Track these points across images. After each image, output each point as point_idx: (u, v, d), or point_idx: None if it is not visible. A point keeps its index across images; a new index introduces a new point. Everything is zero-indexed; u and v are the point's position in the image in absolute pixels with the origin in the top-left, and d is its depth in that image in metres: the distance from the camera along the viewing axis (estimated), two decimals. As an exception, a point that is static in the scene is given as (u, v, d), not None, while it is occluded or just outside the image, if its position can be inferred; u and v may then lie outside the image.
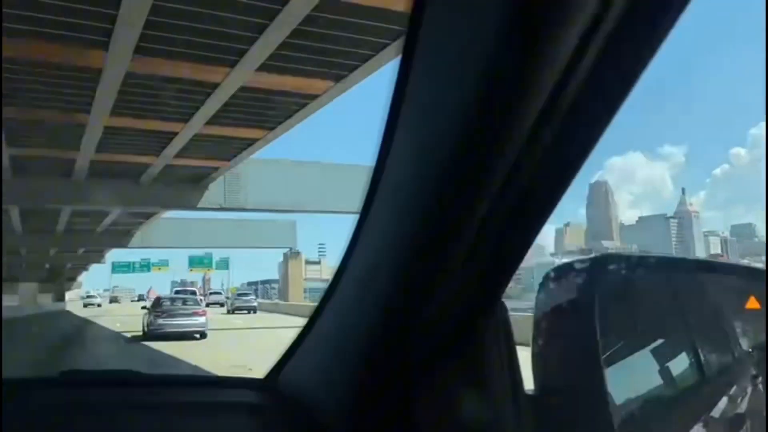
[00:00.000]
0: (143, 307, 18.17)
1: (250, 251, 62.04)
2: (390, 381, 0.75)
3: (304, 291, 48.52)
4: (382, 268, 0.73)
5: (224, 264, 71.30)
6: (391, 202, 0.71)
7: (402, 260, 0.70)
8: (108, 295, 72.99)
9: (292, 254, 34.63)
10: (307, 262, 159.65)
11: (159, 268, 71.27)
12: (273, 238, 33.81)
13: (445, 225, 0.64)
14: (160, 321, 14.86)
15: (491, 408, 0.70)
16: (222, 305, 35.80)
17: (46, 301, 51.36)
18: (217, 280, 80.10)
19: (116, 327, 20.34)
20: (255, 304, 33.42)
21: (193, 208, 18.09)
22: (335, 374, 0.86)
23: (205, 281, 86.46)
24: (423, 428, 0.73)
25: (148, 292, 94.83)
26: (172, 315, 15.07)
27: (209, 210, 18.63)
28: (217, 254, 65.10)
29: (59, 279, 53.97)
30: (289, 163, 19.56)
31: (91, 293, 68.33)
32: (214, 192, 17.98)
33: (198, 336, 14.81)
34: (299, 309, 25.31)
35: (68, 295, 64.97)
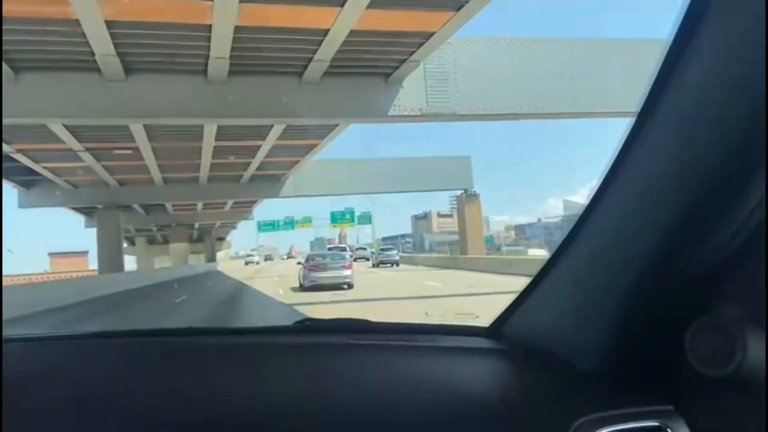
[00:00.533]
0: (298, 263, 21.55)
1: (385, 206, 58.80)
2: (637, 340, 0.79)
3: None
4: (629, 242, 0.75)
5: (366, 218, 68.32)
6: (642, 185, 0.72)
7: (651, 244, 0.72)
8: (257, 255, 73.86)
9: (468, 197, 28.30)
10: (440, 216, 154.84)
11: (303, 225, 70.34)
12: (444, 179, 29.07)
13: (701, 226, 0.66)
14: (313, 274, 16.16)
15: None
16: (367, 259, 38.80)
17: (198, 262, 51.75)
18: (352, 235, 78.75)
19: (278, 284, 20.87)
20: (397, 258, 35.27)
21: (383, 116, 12.42)
22: (575, 328, 0.89)
23: (341, 237, 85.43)
24: (666, 381, 0.76)
25: (291, 249, 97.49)
26: (323, 269, 16.31)
27: (404, 119, 12.53)
28: (359, 209, 62.47)
29: (208, 239, 54.08)
30: (528, 41, 12.75)
31: (251, 253, 74.19)
32: (410, 93, 11.80)
33: (345, 287, 15.91)
34: (480, 263, 24.20)
35: (219, 255, 64.82)
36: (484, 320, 1.19)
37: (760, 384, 0.65)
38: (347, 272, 16.43)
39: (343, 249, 33.11)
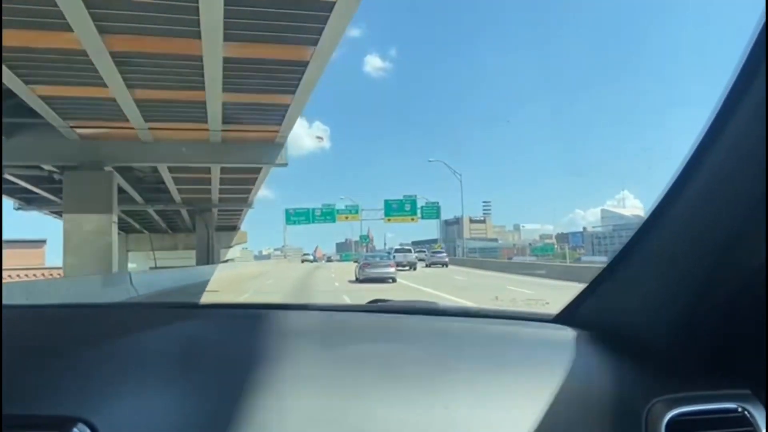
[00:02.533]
0: (355, 261, 34.48)
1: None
2: (713, 324, 0.80)
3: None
4: (704, 232, 0.76)
5: (432, 211, 56.03)
6: (718, 176, 0.73)
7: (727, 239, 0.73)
8: (273, 254, 68.21)
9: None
10: (471, 221, 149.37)
11: (347, 216, 55.50)
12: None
13: None
14: (366, 270, 21.63)
15: None
16: (422, 260, 41.22)
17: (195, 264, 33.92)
18: (379, 237, 73.58)
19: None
20: (447, 260, 40.53)
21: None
22: (649, 313, 0.89)
23: (370, 240, 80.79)
24: (740, 370, 0.78)
25: (315, 250, 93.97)
26: (373, 267, 21.96)
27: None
28: (423, 197, 55.87)
29: (204, 224, 34.25)
30: None
31: (306, 253, 75.61)
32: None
33: (390, 281, 21.04)
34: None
35: (231, 253, 49.38)
36: (554, 308, 1.20)
37: None
38: (391, 269, 21.85)
39: (408, 251, 38.10)
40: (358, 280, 21.65)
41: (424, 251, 46.89)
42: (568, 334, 1.02)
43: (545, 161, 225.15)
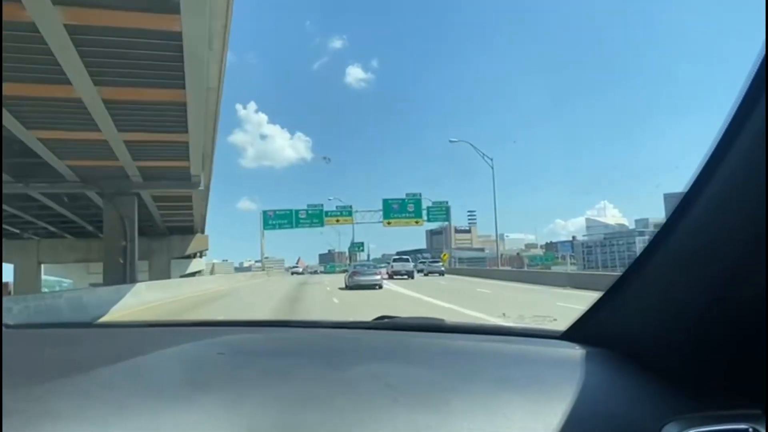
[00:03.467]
0: (344, 271, 37.30)
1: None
2: (724, 343, 0.78)
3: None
4: (714, 249, 0.75)
5: (441, 213, 49.72)
6: (730, 192, 0.71)
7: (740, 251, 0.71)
8: (254, 266, 63.19)
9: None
10: (457, 231, 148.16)
11: (337, 219, 48.07)
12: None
13: None
14: (355, 278, 23.42)
15: None
16: (420, 271, 40.80)
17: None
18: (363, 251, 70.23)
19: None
20: (443, 269, 40.64)
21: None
22: (658, 331, 0.88)
23: (352, 254, 78.30)
24: (755, 390, 0.76)
25: (297, 261, 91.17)
26: (361, 275, 23.62)
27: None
28: (428, 196, 51.04)
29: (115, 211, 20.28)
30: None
31: (295, 266, 70.15)
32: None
33: (376, 287, 22.61)
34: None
35: (195, 265, 40.35)
36: (562, 325, 1.18)
37: None
38: (377, 277, 23.42)
39: (407, 260, 36.58)
40: (347, 287, 23.36)
41: (438, 261, 46.37)
42: (576, 352, 1.01)
43: (528, 172, 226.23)
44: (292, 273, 63.48)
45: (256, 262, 63.02)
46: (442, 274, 38.80)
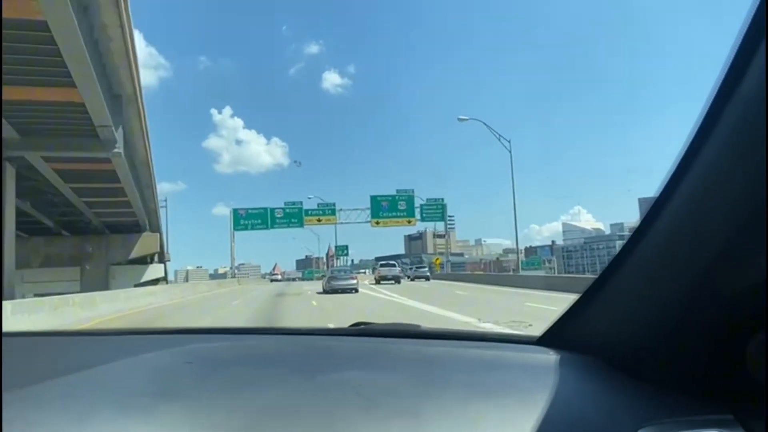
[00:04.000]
0: (323, 276, 34.78)
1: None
2: (696, 348, 0.79)
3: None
4: (687, 253, 0.74)
5: (437, 211, 45.29)
6: (704, 193, 0.71)
7: (711, 252, 0.71)
8: (229, 272, 58.77)
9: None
10: (435, 236, 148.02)
11: (318, 219, 41.70)
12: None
13: (761, 236, 0.64)
14: (332, 283, 24.91)
15: None
16: (405, 275, 40.67)
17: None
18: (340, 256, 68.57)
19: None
20: (428, 274, 40.81)
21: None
22: (632, 337, 0.88)
23: (329, 257, 77.14)
24: (729, 393, 0.76)
25: (274, 268, 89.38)
26: (338, 279, 25.16)
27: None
28: (424, 194, 47.06)
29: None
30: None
31: (275, 273, 66.83)
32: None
33: (353, 291, 24.01)
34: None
35: (152, 272, 34.35)
36: (536, 330, 1.18)
37: None
38: (353, 281, 25.04)
39: (393, 265, 36.95)
40: (325, 291, 24.58)
41: (424, 266, 47.17)
42: (550, 357, 1.00)
43: (504, 178, 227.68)
44: (272, 280, 60.88)
45: (231, 268, 58.93)
46: (427, 279, 39.27)
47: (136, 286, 24.92)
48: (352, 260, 74.51)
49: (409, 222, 46.71)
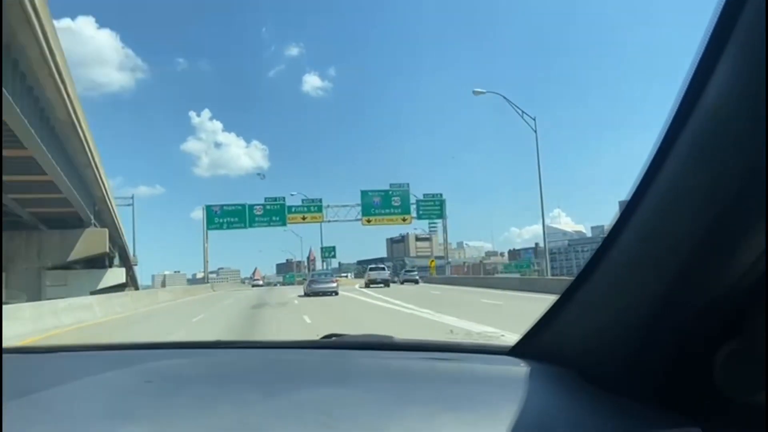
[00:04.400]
0: (303, 280, 37.70)
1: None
2: (665, 360, 0.78)
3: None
4: (660, 256, 0.73)
5: (434, 208, 42.11)
6: (670, 195, 0.70)
7: (683, 255, 0.70)
8: (209, 277, 56.32)
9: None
10: (417, 239, 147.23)
11: (303, 217, 37.56)
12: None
13: (728, 248, 0.65)
14: (313, 286, 25.90)
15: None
16: (394, 279, 41.33)
17: None
18: (320, 259, 67.26)
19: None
20: (417, 277, 41.46)
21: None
22: (601, 348, 0.87)
23: (310, 261, 75.86)
24: (694, 405, 0.76)
25: (254, 273, 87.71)
26: (318, 283, 26.34)
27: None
28: (419, 189, 44.15)
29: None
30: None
31: (256, 278, 65.96)
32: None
33: (333, 294, 24.87)
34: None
35: (110, 278, 28.80)
36: (509, 341, 1.18)
37: None
38: (333, 284, 26.24)
39: (382, 269, 38.00)
40: (306, 294, 25.37)
41: (414, 270, 47.74)
42: (521, 369, 0.99)
43: (484, 181, 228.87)
44: (253, 285, 58.26)
45: (210, 273, 56.24)
46: (416, 282, 40.12)
47: (92, 293, 20.77)
48: (339, 263, 72.94)
49: (404, 220, 43.28)
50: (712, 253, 0.66)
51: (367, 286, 34.85)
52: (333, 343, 1.35)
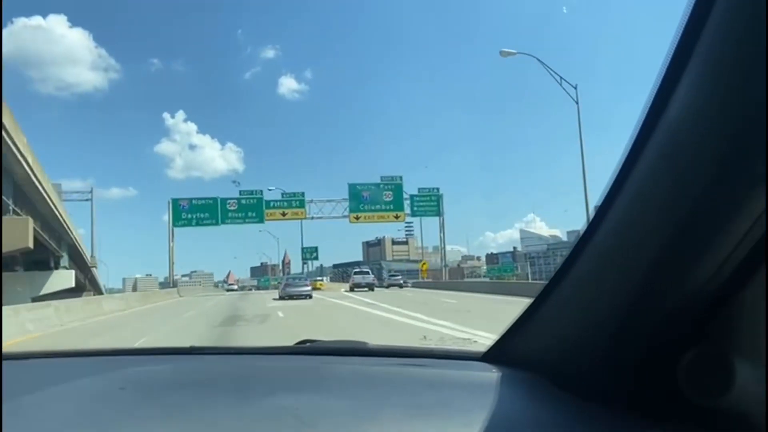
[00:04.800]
0: (278, 284, 35.98)
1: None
2: (634, 367, 0.78)
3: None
4: (626, 264, 0.74)
5: (431, 204, 38.47)
6: (637, 213, 0.71)
7: (650, 262, 0.70)
8: (181, 281, 54.57)
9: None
10: (394, 242, 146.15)
11: (283, 213, 33.17)
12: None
13: (696, 254, 0.66)
14: (287, 289, 27.01)
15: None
16: (380, 281, 42.37)
17: None
18: (297, 261, 65.83)
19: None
20: (401, 281, 41.33)
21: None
22: (571, 356, 0.88)
23: (285, 264, 74.30)
24: (661, 410, 0.77)
25: (228, 276, 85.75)
26: (293, 286, 27.45)
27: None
28: (413, 182, 41.41)
29: None
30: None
31: (231, 282, 63.36)
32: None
33: (307, 297, 26.12)
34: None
35: (57, 282, 27.01)
36: (480, 347, 1.16)
37: (757, 416, 0.65)
38: (307, 288, 27.75)
39: (367, 273, 36.70)
40: (281, 298, 26.02)
41: (398, 274, 48.49)
42: (493, 375, 1.00)
43: (459, 184, 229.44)
44: (228, 290, 57.16)
45: (183, 276, 53.83)
46: (401, 286, 40.42)
47: (34, 300, 18.09)
48: (321, 265, 71.38)
49: (397, 217, 39.14)
50: (677, 260, 0.67)
51: (351, 290, 34.03)
52: (307, 348, 1.36)
